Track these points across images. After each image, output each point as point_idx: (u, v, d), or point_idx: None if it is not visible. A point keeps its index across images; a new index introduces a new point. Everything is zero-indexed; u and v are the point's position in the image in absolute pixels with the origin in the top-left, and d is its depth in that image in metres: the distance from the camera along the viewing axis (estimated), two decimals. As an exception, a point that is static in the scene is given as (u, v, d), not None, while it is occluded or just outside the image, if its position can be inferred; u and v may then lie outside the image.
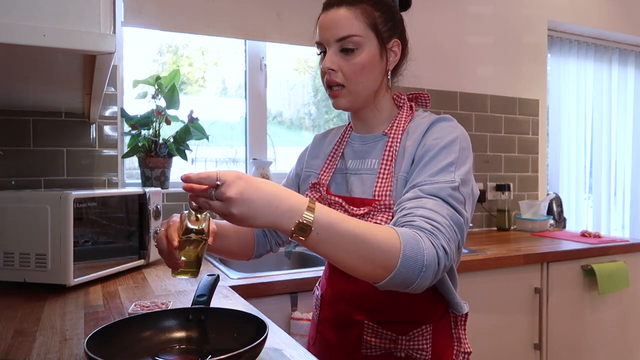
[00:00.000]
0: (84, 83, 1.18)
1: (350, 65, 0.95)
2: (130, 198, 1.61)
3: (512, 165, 2.83)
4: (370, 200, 0.95)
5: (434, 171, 0.87)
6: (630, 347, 2.25)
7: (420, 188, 0.85)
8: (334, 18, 0.95)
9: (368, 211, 0.93)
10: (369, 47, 0.95)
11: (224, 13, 2.16)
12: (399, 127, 1.00)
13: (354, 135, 1.09)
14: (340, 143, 1.10)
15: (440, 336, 1.00)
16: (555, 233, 2.51)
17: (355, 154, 1.06)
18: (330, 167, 1.08)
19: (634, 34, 3.19)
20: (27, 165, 1.79)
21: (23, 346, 0.92)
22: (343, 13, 0.94)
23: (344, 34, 0.94)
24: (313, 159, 1.14)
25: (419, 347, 0.97)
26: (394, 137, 0.99)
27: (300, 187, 1.15)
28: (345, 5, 0.95)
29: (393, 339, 0.97)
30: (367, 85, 0.98)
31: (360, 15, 0.95)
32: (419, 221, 0.79)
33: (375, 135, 1.04)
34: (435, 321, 0.99)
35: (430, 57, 2.56)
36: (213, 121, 2.29)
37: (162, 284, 1.42)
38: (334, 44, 0.96)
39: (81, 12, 0.75)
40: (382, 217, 0.91)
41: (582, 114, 3.16)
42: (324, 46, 0.98)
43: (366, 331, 0.98)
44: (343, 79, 0.96)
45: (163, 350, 0.81)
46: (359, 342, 0.99)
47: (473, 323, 1.83)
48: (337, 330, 1.03)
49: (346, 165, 1.06)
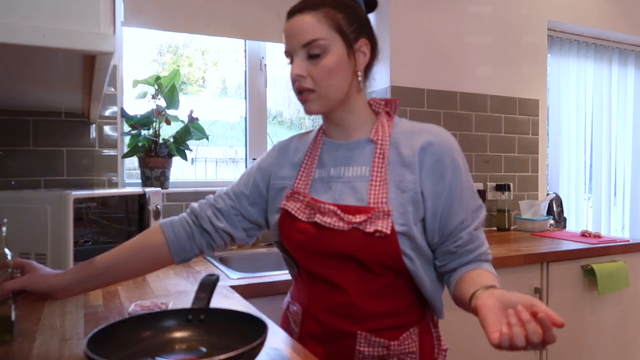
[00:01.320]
0: (84, 83, 1.18)
1: (318, 69, 0.94)
2: (130, 198, 1.61)
3: (512, 165, 2.83)
4: (366, 208, 0.93)
5: (466, 205, 0.96)
6: (630, 347, 2.25)
7: (473, 227, 0.97)
8: (297, 24, 0.95)
9: (366, 219, 0.91)
10: (335, 49, 0.95)
11: (224, 13, 2.16)
12: (384, 134, 0.99)
13: (330, 141, 1.05)
14: (313, 150, 1.06)
15: (424, 337, 1.01)
16: (555, 233, 2.51)
17: (337, 160, 1.02)
18: (307, 175, 1.03)
19: (634, 34, 3.19)
20: (27, 165, 1.79)
21: (23, 346, 0.92)
22: (306, 19, 0.94)
23: (308, 38, 0.93)
24: (280, 169, 1.08)
25: (408, 350, 0.97)
26: (382, 144, 0.98)
27: (269, 206, 1.08)
28: (307, 10, 0.95)
29: (386, 346, 0.96)
30: (337, 88, 0.97)
31: (323, 19, 0.94)
32: (483, 256, 0.98)
33: (358, 142, 1.01)
34: (419, 323, 1.00)
35: (430, 57, 2.56)
36: (213, 121, 2.29)
37: (162, 284, 1.42)
38: (300, 50, 0.95)
39: (81, 12, 0.75)
40: (381, 224, 0.91)
41: (582, 114, 3.16)
42: (291, 54, 0.97)
43: (359, 341, 0.96)
44: (312, 84, 0.95)
45: (163, 350, 0.81)
46: (351, 354, 0.96)
47: (473, 323, 1.83)
48: (324, 344, 0.99)
49: (328, 173, 1.01)
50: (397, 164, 0.96)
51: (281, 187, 1.06)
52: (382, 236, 0.90)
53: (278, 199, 1.05)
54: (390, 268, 0.94)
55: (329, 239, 0.94)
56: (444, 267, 0.98)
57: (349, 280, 0.95)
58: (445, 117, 2.60)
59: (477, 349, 1.86)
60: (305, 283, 1.04)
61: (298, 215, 0.99)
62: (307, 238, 0.97)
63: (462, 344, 1.80)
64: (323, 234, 0.95)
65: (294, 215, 0.99)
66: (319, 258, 0.97)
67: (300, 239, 0.98)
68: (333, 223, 0.94)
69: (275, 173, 1.08)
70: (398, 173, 0.95)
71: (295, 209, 1.00)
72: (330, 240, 0.94)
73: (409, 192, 0.94)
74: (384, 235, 0.90)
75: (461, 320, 1.11)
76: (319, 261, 0.98)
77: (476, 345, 1.87)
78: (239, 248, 2.07)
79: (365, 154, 1.00)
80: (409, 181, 0.95)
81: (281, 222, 1.02)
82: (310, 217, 0.97)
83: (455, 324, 1.74)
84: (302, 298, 1.05)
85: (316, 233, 0.96)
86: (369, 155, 0.99)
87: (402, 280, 0.96)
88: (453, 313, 1.03)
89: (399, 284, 0.97)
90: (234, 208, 1.08)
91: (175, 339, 0.84)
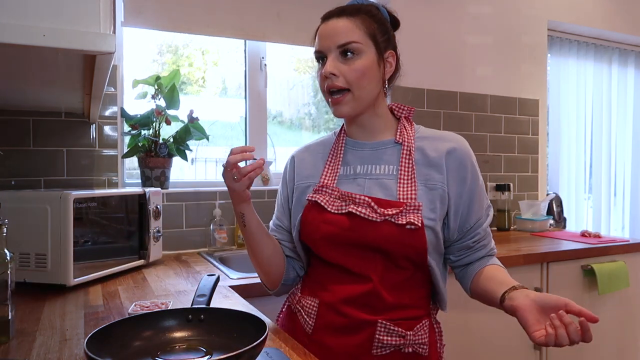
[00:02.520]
0: (84, 83, 1.18)
1: (351, 70, 1.00)
2: (130, 198, 1.61)
3: (512, 165, 2.83)
4: (397, 202, 0.98)
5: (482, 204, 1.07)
6: (630, 347, 2.25)
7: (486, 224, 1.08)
8: (335, 27, 1.01)
9: (399, 211, 0.97)
10: (368, 54, 1.01)
11: (223, 13, 2.16)
12: (409, 136, 1.06)
13: (354, 141, 1.10)
14: (336, 149, 1.11)
15: (431, 330, 1.06)
16: (555, 233, 2.51)
17: (362, 159, 1.07)
18: (334, 172, 1.08)
19: (634, 34, 3.19)
20: (27, 165, 1.79)
21: (23, 346, 0.92)
22: (344, 22, 1.01)
23: (345, 40, 0.99)
24: (302, 171, 1.13)
25: (421, 341, 1.01)
26: (408, 145, 1.05)
27: (293, 207, 1.12)
28: (345, 15, 1.02)
29: (403, 335, 0.99)
30: (369, 90, 1.02)
31: (360, 25, 1.01)
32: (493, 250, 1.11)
33: (383, 142, 1.07)
34: (428, 316, 1.06)
35: (430, 57, 2.56)
36: (213, 121, 2.29)
37: (162, 284, 1.42)
38: (335, 51, 1.00)
39: (81, 12, 0.75)
40: (413, 217, 0.96)
41: (582, 114, 3.16)
42: (324, 54, 1.02)
43: (379, 330, 0.99)
44: (345, 83, 1.00)
45: (163, 350, 0.81)
46: (370, 343, 0.99)
47: (473, 323, 1.83)
48: (341, 335, 1.02)
49: (355, 171, 1.07)
50: (424, 165, 1.03)
51: (306, 186, 1.10)
52: (414, 229, 0.96)
53: (303, 197, 1.09)
54: (413, 261, 1.00)
55: (360, 230, 0.99)
56: (458, 262, 1.08)
57: (376, 271, 1.00)
58: (445, 117, 2.60)
59: (471, 348, 1.87)
60: (323, 276, 1.07)
61: (328, 207, 1.02)
62: (337, 229, 1.01)
63: (455, 342, 1.80)
64: (355, 224, 0.99)
65: (323, 207, 1.03)
66: (345, 249, 1.01)
67: (329, 230, 1.01)
68: (367, 214, 0.98)
69: (298, 176, 1.13)
70: (425, 172, 1.02)
71: (324, 201, 1.03)
72: (361, 231, 0.99)
73: (437, 190, 1.01)
74: (415, 227, 0.96)
75: (457, 319, 1.12)
76: (344, 252, 1.01)
77: (470, 343, 1.88)
78: (239, 248, 2.07)
79: (392, 154, 1.06)
80: (437, 180, 1.02)
81: (305, 214, 1.05)
82: (341, 209, 1.01)
83: (459, 338, 1.74)
84: (319, 291, 1.07)
85: (349, 224, 1.00)
86: (395, 155, 1.05)
87: (420, 274, 1.03)
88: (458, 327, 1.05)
89: (417, 277, 1.03)
90: (282, 241, 1.15)
91: (175, 339, 0.85)
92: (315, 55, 1.05)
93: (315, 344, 1.03)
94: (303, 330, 1.07)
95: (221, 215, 2.04)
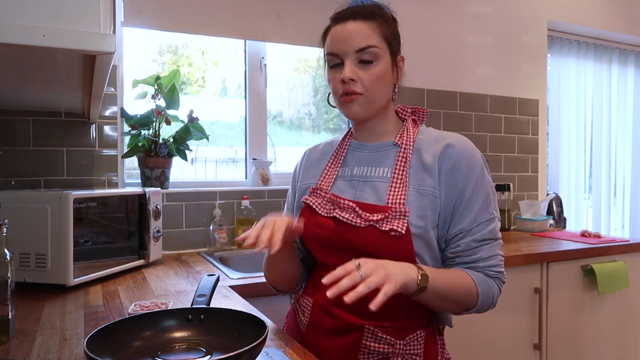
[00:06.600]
0: (84, 83, 1.18)
1: (369, 75, 0.99)
2: (130, 198, 1.61)
3: (512, 165, 2.83)
4: (383, 207, 0.96)
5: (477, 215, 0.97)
6: (630, 347, 2.25)
7: (472, 238, 0.96)
8: (352, 30, 0.99)
9: (383, 217, 0.94)
10: (384, 59, 1.00)
11: (224, 13, 2.16)
12: (409, 139, 1.03)
13: (356, 142, 1.10)
14: (339, 151, 1.11)
15: (430, 342, 1.02)
16: (555, 233, 2.51)
17: (361, 161, 1.07)
18: (331, 174, 1.08)
19: (634, 34, 3.19)
20: (27, 165, 1.79)
21: (23, 346, 0.92)
22: (361, 26, 0.99)
23: (363, 44, 0.98)
24: (307, 171, 1.14)
25: (413, 352, 0.99)
26: (405, 148, 1.02)
27: (295, 207, 1.13)
28: (360, 18, 0.99)
29: (391, 343, 0.97)
30: (383, 95, 1.02)
31: (376, 28, 0.99)
32: (485, 270, 0.97)
33: (383, 144, 1.06)
34: (426, 327, 1.02)
35: (430, 57, 2.56)
36: (213, 121, 2.29)
37: (162, 284, 1.42)
38: (353, 55, 0.99)
39: (81, 12, 0.75)
40: (397, 224, 0.93)
41: (582, 114, 3.16)
42: (339, 57, 1.00)
43: (366, 336, 0.97)
44: (362, 88, 0.99)
45: (163, 350, 0.81)
46: (356, 348, 0.98)
47: (473, 323, 1.83)
48: (330, 336, 1.01)
49: (352, 172, 1.06)
50: (419, 169, 1.00)
51: (306, 187, 1.11)
52: (397, 235, 0.93)
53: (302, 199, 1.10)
54: None
55: (346, 234, 0.98)
56: None
57: None
58: (445, 117, 2.60)
59: (471, 347, 1.87)
60: (318, 277, 1.06)
61: (319, 209, 1.02)
62: (326, 232, 1.00)
63: (455, 342, 1.79)
64: (341, 229, 0.98)
65: (314, 209, 1.03)
66: (336, 252, 1.00)
67: (319, 232, 1.01)
68: (351, 219, 0.97)
69: (302, 175, 1.14)
70: (419, 177, 0.99)
71: (316, 203, 1.03)
72: (347, 236, 0.98)
73: (428, 195, 0.97)
74: (399, 234, 0.93)
75: (457, 319, 1.11)
76: (335, 255, 1.00)
77: (470, 343, 1.88)
78: (239, 248, 2.07)
79: (389, 156, 1.04)
80: (429, 185, 0.98)
81: (301, 216, 1.06)
82: (329, 212, 1.01)
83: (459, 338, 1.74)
84: (314, 291, 1.07)
85: (335, 228, 0.99)
86: (392, 157, 1.03)
87: None
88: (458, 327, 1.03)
89: None
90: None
91: (175, 339, 0.85)
92: (327, 57, 1.03)
93: (307, 343, 1.03)
94: (299, 328, 1.08)
95: (221, 215, 2.04)
